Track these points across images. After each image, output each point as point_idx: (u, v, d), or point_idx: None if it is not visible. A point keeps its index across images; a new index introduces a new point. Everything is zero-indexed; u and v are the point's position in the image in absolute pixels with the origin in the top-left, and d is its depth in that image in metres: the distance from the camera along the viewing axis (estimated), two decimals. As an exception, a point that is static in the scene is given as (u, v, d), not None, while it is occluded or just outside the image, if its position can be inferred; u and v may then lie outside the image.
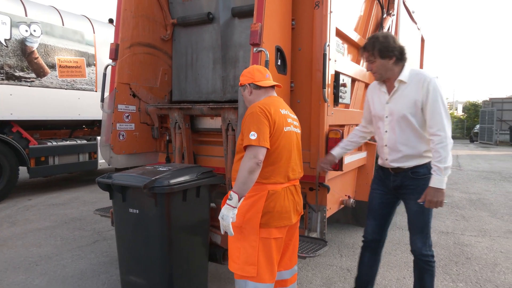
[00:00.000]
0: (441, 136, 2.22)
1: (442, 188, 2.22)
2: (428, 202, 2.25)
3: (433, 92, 2.26)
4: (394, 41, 2.37)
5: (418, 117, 2.33)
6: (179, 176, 2.59)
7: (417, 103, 2.31)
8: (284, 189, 2.20)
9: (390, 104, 2.44)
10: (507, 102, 24.08)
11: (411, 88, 2.34)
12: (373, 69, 2.44)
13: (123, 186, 2.57)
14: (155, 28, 3.96)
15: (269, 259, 2.16)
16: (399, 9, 5.35)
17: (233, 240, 2.22)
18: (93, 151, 7.62)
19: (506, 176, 9.82)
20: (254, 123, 2.09)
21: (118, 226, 2.74)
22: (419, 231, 2.45)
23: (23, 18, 6.31)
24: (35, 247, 4.11)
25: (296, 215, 2.31)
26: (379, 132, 2.56)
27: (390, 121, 2.44)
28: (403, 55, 2.39)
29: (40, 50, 6.58)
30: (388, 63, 2.37)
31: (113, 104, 3.57)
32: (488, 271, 3.62)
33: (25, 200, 6.40)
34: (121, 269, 2.74)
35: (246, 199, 2.14)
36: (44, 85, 6.67)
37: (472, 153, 16.56)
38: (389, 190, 2.57)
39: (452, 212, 5.93)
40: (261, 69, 2.36)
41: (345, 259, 3.87)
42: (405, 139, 2.39)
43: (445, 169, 2.21)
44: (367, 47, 2.41)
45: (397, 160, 2.45)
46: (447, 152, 2.21)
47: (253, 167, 2.01)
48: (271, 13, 2.92)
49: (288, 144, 2.22)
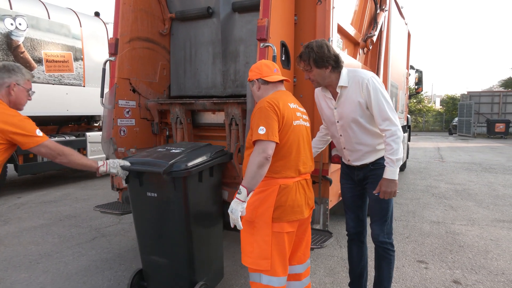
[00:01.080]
0: (392, 130, 2.32)
1: (395, 179, 2.33)
2: (383, 193, 2.36)
3: (373, 91, 2.34)
4: (329, 50, 2.37)
5: (366, 117, 2.42)
6: (195, 158, 2.62)
7: (361, 104, 2.39)
8: (295, 183, 2.22)
9: (338, 109, 2.50)
10: (484, 96, 24.84)
11: (353, 91, 2.41)
12: (311, 78, 2.48)
13: (139, 171, 2.59)
14: (153, 22, 3.93)
15: (282, 252, 2.19)
16: (390, 4, 5.46)
17: (245, 235, 2.24)
18: (82, 147, 7.48)
19: (487, 167, 10.19)
20: (262, 118, 2.10)
21: (136, 209, 2.77)
22: (378, 218, 2.56)
23: (8, 11, 6.12)
24: (33, 245, 4.05)
25: (308, 209, 2.33)
26: (334, 136, 2.65)
27: (341, 125, 2.52)
28: (338, 63, 2.41)
29: (26, 44, 6.40)
30: (324, 72, 2.40)
31: (113, 100, 3.53)
32: (481, 258, 3.79)
33: (15, 198, 6.26)
34: (142, 249, 2.78)
35: (258, 193, 2.17)
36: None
37: (452, 145, 17.07)
38: (355, 182, 2.67)
39: (440, 202, 6.14)
40: (269, 64, 2.37)
41: (345, 250, 3.96)
42: (360, 139, 2.49)
43: (397, 160, 2.31)
44: (303, 56, 2.42)
45: (359, 159, 2.56)
46: (398, 144, 2.32)
47: (262, 162, 2.04)
48: (276, 8, 2.95)
49: (298, 138, 2.24)
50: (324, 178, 3.38)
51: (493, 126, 21.86)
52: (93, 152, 7.70)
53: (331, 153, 3.29)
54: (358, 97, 2.39)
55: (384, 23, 5.02)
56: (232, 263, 3.56)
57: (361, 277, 2.83)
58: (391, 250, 2.58)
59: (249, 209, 2.17)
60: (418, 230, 4.65)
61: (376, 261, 2.65)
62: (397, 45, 6.66)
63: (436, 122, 31.85)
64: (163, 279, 2.73)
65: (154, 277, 2.77)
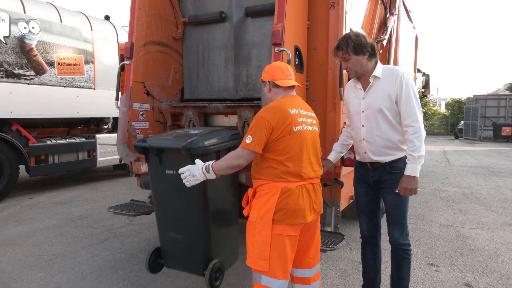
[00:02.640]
0: (415, 127, 2.37)
1: (416, 176, 2.36)
2: (403, 190, 2.39)
3: (406, 86, 2.41)
4: (365, 39, 2.49)
5: (392, 110, 2.46)
6: (212, 138, 2.69)
7: (391, 96, 2.44)
8: (299, 187, 2.20)
9: (366, 99, 2.56)
10: (491, 99, 24.75)
11: (385, 83, 2.48)
12: (349, 67, 2.54)
13: (159, 148, 2.67)
14: (167, 26, 4.00)
15: (282, 255, 2.17)
16: (400, 8, 5.50)
17: (249, 235, 2.26)
18: (92, 149, 7.56)
19: (494, 171, 10.16)
20: (254, 127, 2.16)
21: (155, 187, 2.83)
22: (397, 223, 2.59)
23: (21, 15, 6.23)
24: (47, 245, 4.11)
25: (313, 213, 2.29)
26: (356, 127, 2.67)
27: (366, 115, 2.56)
28: (374, 50, 2.51)
29: (39, 47, 6.50)
30: (362, 59, 2.48)
31: (128, 103, 3.60)
32: (491, 261, 3.80)
33: (26, 199, 6.34)
34: (160, 226, 2.86)
35: (260, 196, 2.21)
36: (43, 83, 6.60)
37: (458, 149, 17.00)
38: (370, 186, 2.69)
39: (449, 206, 6.14)
40: (283, 67, 2.37)
41: (355, 252, 4.00)
42: (381, 131, 2.52)
43: (419, 157, 2.35)
44: (341, 45, 2.50)
45: (375, 152, 2.56)
46: (420, 142, 2.36)
47: (234, 166, 2.18)
48: (290, 13, 3.00)
49: (299, 144, 2.21)
50: (335, 181, 3.42)
51: (500, 130, 21.76)
52: (102, 154, 7.78)
53: (343, 156, 3.33)
54: (389, 89, 2.44)
55: (393, 27, 5.06)
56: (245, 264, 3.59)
57: (374, 280, 2.85)
58: (409, 250, 2.62)
59: (253, 210, 2.21)
60: (428, 234, 4.66)
61: (395, 262, 2.67)
62: (406, 49, 6.69)
63: (441, 125, 31.77)
64: (179, 256, 2.83)
65: (171, 254, 2.86)
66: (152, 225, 4.85)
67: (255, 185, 2.28)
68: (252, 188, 2.32)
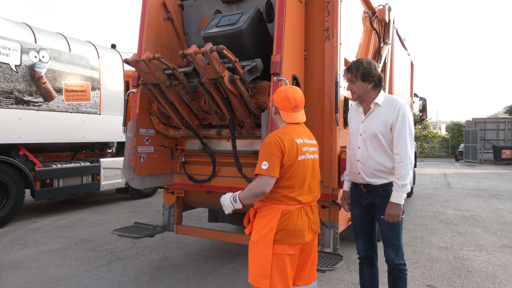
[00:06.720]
0: (401, 155, 2.54)
1: (400, 203, 2.51)
2: (387, 215, 2.54)
3: (402, 116, 2.59)
4: (375, 69, 2.70)
5: (387, 137, 2.64)
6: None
7: (388, 123, 2.62)
8: (298, 209, 2.34)
9: (365, 123, 2.75)
10: (490, 122, 24.97)
11: (384, 110, 2.67)
12: (353, 89, 2.75)
13: None
14: (173, 57, 4.21)
15: (283, 274, 2.28)
16: (393, 38, 5.76)
17: (251, 254, 2.38)
18: (96, 173, 7.70)
19: (494, 193, 10.21)
20: (266, 153, 2.27)
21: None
22: (391, 244, 2.71)
23: (32, 45, 6.52)
24: (52, 268, 4.19)
25: (311, 233, 2.43)
26: (353, 148, 2.85)
27: (363, 138, 2.74)
28: (380, 82, 2.71)
29: (48, 75, 6.76)
30: (367, 86, 2.69)
31: (135, 128, 3.77)
32: (489, 283, 3.86)
33: (31, 223, 6.43)
34: None
35: (262, 217, 2.35)
36: (51, 109, 6.82)
37: (459, 171, 17.07)
38: (364, 208, 2.82)
39: (448, 228, 6.20)
40: (291, 99, 2.38)
41: (354, 274, 4.06)
42: (375, 155, 2.68)
43: (403, 186, 2.50)
44: (351, 69, 2.72)
45: (368, 174, 2.71)
46: (405, 170, 2.52)
47: (258, 194, 2.25)
48: (288, 45, 3.21)
49: (302, 172, 2.36)
50: (334, 203, 3.53)
51: (500, 153, 21.84)
52: (106, 178, 7.91)
53: (340, 178, 3.46)
54: (387, 117, 2.63)
55: (387, 56, 5.30)
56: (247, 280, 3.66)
57: None
58: (405, 270, 2.72)
59: (254, 230, 2.34)
60: (427, 256, 4.72)
61: (391, 281, 2.76)
62: (401, 75, 6.93)
63: (442, 148, 31.88)
64: None
65: None
66: (155, 248, 4.93)
67: (256, 205, 2.42)
68: (253, 208, 2.45)
